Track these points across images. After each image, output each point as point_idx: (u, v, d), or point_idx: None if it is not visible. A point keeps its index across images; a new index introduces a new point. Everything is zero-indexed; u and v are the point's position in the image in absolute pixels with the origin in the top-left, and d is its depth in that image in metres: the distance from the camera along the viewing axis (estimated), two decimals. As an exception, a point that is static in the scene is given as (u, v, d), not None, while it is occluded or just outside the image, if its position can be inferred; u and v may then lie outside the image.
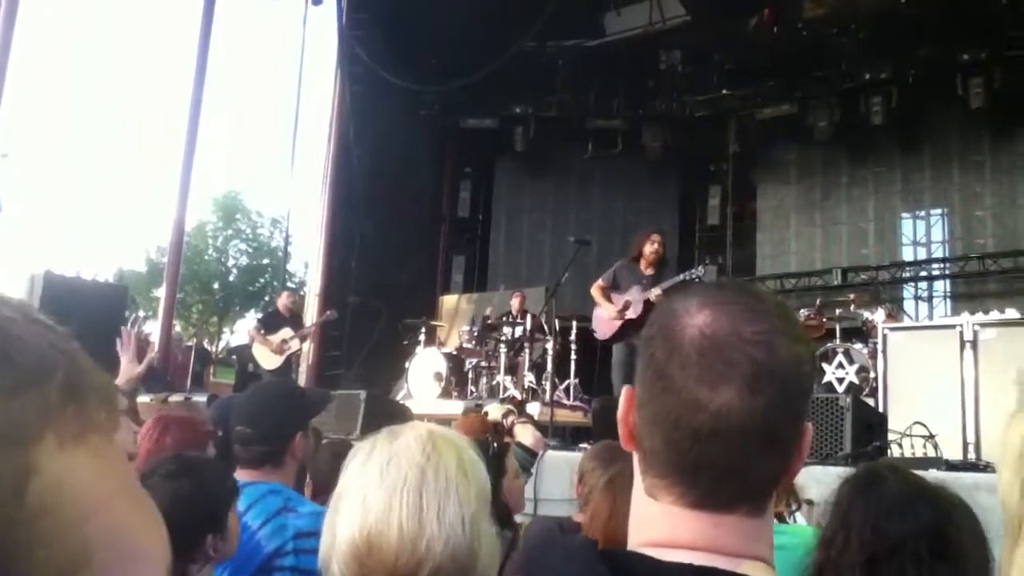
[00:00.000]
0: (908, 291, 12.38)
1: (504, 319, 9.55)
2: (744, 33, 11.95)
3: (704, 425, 0.80)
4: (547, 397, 7.80)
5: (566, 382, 8.89)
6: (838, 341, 8.12)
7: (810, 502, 3.45)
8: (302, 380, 10.27)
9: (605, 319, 7.32)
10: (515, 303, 9.68)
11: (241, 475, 2.26)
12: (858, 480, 1.61)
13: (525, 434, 3.65)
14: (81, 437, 0.33)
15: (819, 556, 1.57)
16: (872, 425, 4.55)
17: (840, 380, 7.64)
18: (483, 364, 9.25)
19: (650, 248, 7.17)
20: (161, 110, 59.82)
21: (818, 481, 3.78)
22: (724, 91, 12.76)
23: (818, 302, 9.03)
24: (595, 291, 7.41)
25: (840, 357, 7.80)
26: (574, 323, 8.77)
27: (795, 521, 2.93)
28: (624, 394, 0.90)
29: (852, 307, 8.59)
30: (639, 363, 0.87)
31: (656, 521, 0.85)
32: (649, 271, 7.18)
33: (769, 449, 0.82)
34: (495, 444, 2.96)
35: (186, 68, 11.18)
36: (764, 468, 0.83)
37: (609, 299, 7.29)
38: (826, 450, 4.27)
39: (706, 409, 0.79)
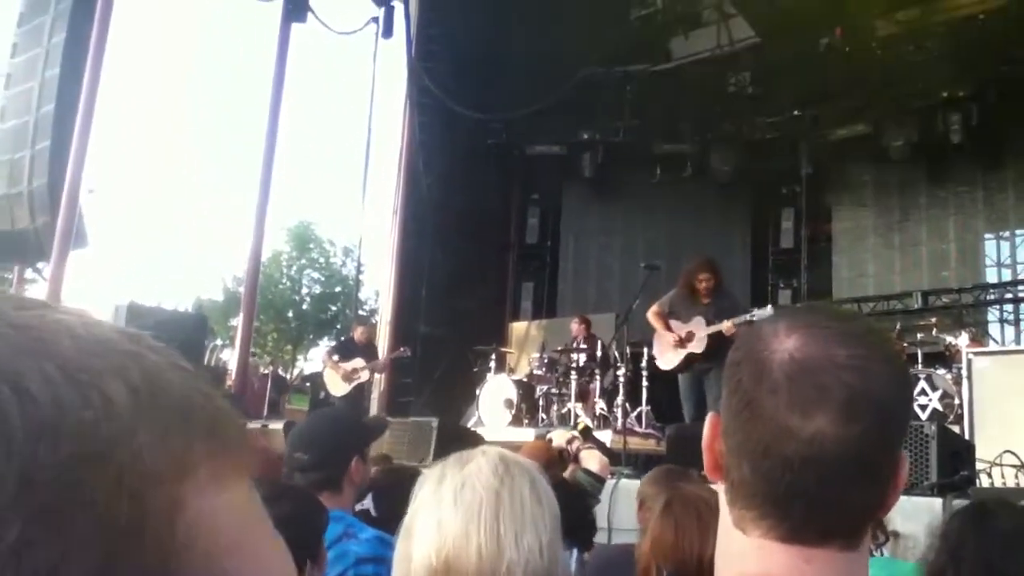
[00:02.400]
0: (993, 314, 11.94)
1: (569, 345, 9.50)
2: (815, 53, 11.77)
3: (796, 454, 0.77)
4: (619, 424, 7.73)
5: (638, 409, 8.80)
6: (920, 367, 7.86)
7: (896, 534, 3.34)
8: (374, 408, 10.37)
9: (666, 347, 7.26)
10: (575, 328, 9.64)
11: None
12: (967, 514, 1.57)
13: (591, 460, 3.62)
14: (222, 477, 0.36)
15: None
16: (959, 453, 4.37)
17: (923, 407, 7.39)
18: (554, 391, 9.21)
19: (701, 286, 7.13)
20: (237, 143, 61.71)
21: (903, 513, 3.66)
22: (795, 112, 12.58)
23: (898, 326, 8.76)
24: (652, 317, 7.32)
25: (922, 383, 7.54)
26: (645, 350, 8.68)
27: (882, 554, 2.84)
28: (709, 421, 0.88)
29: (934, 331, 8.32)
30: (724, 390, 0.85)
31: (745, 555, 0.82)
32: (706, 300, 7.11)
33: (864, 479, 0.78)
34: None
35: (262, 101, 11.51)
36: (859, 499, 0.80)
37: (668, 326, 7.23)
38: (911, 480, 4.12)
39: (798, 437, 0.77)
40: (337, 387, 9.20)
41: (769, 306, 6.83)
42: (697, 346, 6.99)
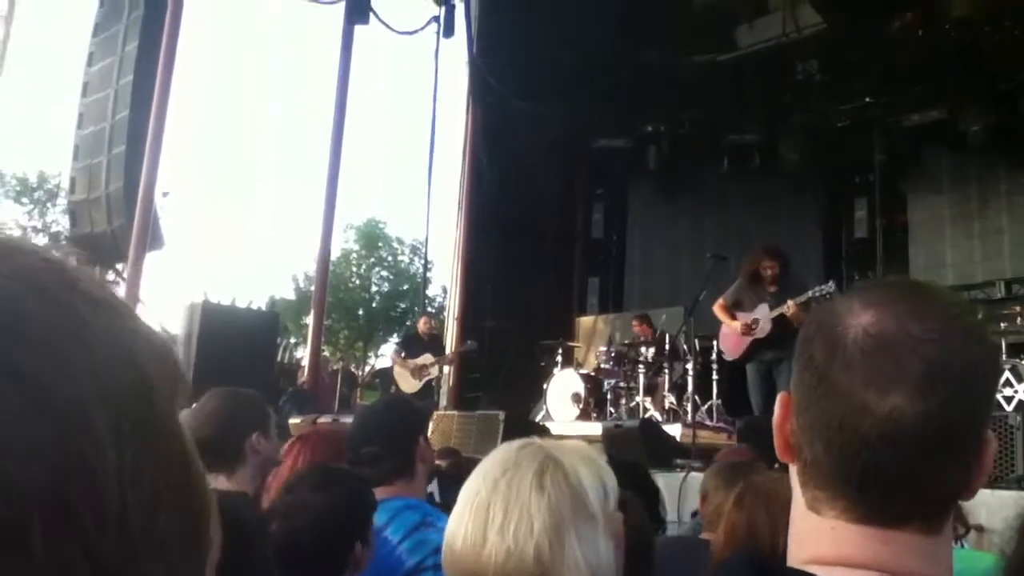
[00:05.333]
0: (1082, 302, 11.44)
1: (632, 343, 9.42)
2: (886, 37, 11.44)
3: (872, 431, 0.73)
4: (688, 418, 7.65)
5: (708, 403, 8.68)
6: (1004, 357, 7.60)
7: (980, 528, 3.22)
8: (443, 403, 10.44)
9: (731, 336, 7.23)
10: (638, 328, 9.56)
11: (376, 493, 2.30)
12: None
13: None
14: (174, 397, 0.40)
15: None
16: (1047, 446, 4.20)
17: (1008, 399, 7.14)
18: (621, 385, 9.15)
19: (766, 274, 7.05)
20: (306, 144, 62.76)
21: (987, 507, 3.52)
22: (867, 99, 12.23)
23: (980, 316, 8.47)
24: (717, 309, 7.31)
25: (1007, 374, 7.29)
26: (715, 343, 8.55)
27: (963, 547, 2.74)
28: (780, 400, 0.84)
29: (1019, 320, 8.04)
30: (796, 366, 0.82)
31: (819, 537, 0.79)
32: (772, 288, 7.02)
33: (945, 458, 0.74)
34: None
35: (328, 103, 11.68)
36: (939, 480, 0.75)
37: (733, 316, 7.19)
38: (995, 473, 3.98)
39: (874, 414, 0.73)
40: (408, 384, 9.28)
41: (831, 282, 6.67)
42: (761, 332, 6.90)
